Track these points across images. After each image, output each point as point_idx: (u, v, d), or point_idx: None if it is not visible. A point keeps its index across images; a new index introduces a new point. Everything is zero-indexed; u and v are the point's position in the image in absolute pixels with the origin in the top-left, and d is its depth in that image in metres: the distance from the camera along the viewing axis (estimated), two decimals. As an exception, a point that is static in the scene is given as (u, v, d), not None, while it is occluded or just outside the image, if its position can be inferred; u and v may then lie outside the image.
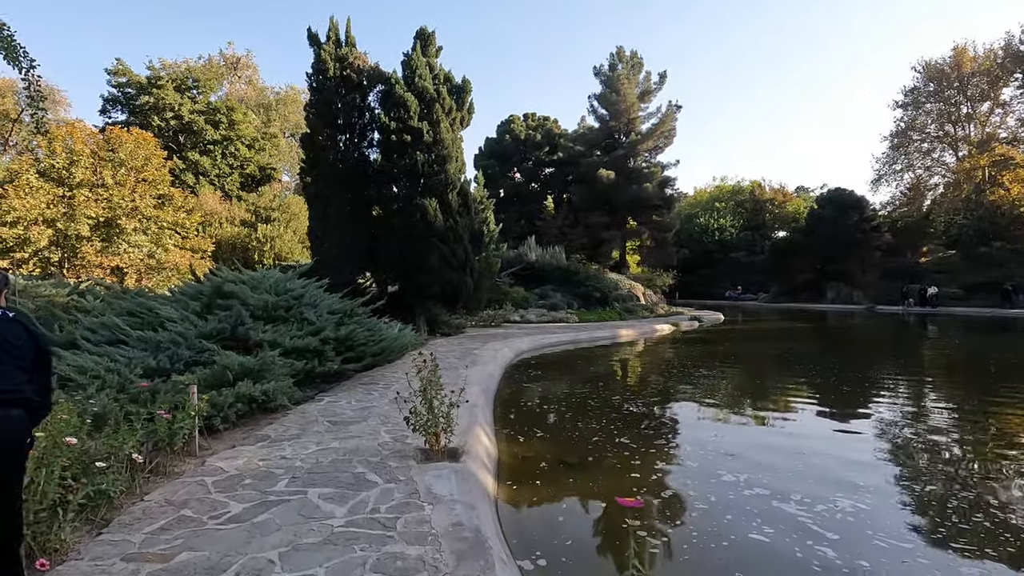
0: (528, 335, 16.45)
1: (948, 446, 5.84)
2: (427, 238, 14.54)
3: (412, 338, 10.71)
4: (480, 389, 7.56)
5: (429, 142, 14.71)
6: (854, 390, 9.17)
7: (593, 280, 26.77)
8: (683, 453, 5.57)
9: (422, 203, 14.52)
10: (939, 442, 5.96)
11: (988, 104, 44.24)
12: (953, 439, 6.12)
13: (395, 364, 9.67)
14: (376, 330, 8.49)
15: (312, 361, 6.91)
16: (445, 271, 14.71)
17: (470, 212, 16.18)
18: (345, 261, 14.75)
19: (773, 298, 49.59)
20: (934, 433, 6.30)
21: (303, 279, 8.98)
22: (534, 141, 40.28)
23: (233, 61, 47.32)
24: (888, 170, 49.42)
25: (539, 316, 21.84)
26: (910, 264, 44.40)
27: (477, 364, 9.81)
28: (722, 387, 9.73)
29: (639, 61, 33.88)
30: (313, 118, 15.10)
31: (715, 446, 5.73)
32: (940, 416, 7.37)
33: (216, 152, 26.39)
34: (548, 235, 32.85)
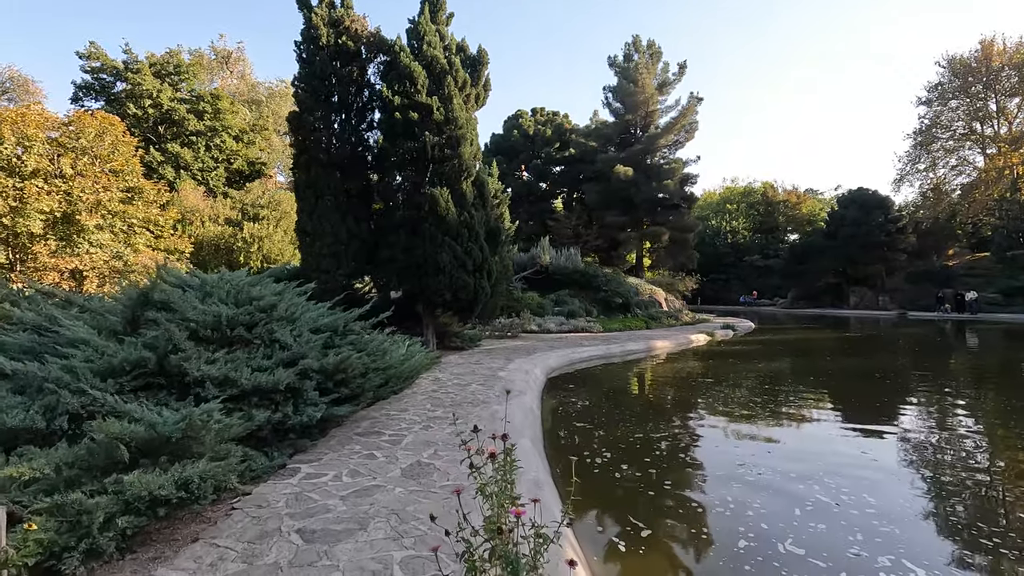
0: (552, 348, 14.12)
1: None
2: (437, 235, 12.22)
3: (423, 358, 8.36)
4: (530, 441, 5.20)
5: (440, 121, 12.40)
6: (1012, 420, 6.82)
7: (613, 285, 24.45)
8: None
9: (431, 193, 12.20)
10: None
11: (1018, 99, 42.13)
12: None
13: (403, 396, 7.32)
14: (378, 353, 6.14)
15: (284, 407, 4.56)
16: (459, 274, 12.37)
17: (486, 205, 13.86)
18: (339, 262, 12.40)
19: (791, 303, 47.33)
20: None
21: (282, 283, 6.65)
22: (543, 137, 37.99)
23: (224, 55, 45.12)
24: (911, 169, 47.18)
25: (558, 325, 19.51)
26: (937, 267, 42.18)
27: (512, 395, 7.46)
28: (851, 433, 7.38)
29: (657, 51, 31.66)
30: (302, 94, 12.77)
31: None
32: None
33: (199, 144, 24.05)
34: (561, 236, 30.57)
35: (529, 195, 36.48)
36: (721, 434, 6.64)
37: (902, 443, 6.20)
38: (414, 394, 7.46)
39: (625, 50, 32.34)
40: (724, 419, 7.51)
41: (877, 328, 26.95)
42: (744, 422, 7.31)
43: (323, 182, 12.46)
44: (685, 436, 6.42)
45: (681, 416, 7.73)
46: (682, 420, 7.43)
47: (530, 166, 36.66)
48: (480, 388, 7.99)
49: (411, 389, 7.77)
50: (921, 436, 6.53)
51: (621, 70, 31.97)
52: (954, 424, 7.15)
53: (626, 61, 32.24)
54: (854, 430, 6.92)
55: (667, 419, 7.42)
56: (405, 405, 6.72)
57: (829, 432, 6.77)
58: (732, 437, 6.49)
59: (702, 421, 7.41)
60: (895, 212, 42.73)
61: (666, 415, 7.78)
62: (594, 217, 32.56)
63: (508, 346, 14.61)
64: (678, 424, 7.11)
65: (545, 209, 35.93)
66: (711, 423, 7.26)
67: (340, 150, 12.97)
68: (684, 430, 6.76)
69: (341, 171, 13.11)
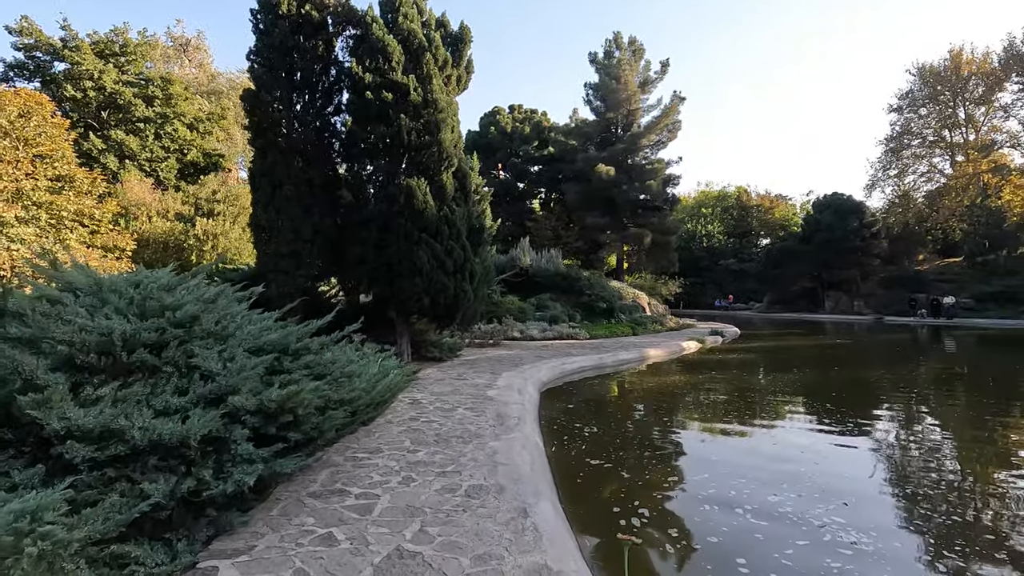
0: (540, 358, 12.83)
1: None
2: (414, 231, 10.79)
3: (399, 377, 6.91)
4: (551, 504, 3.84)
5: (417, 103, 10.97)
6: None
7: (597, 288, 23.32)
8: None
9: (407, 184, 10.77)
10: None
11: (985, 108, 42.96)
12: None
13: (375, 427, 5.88)
14: (341, 380, 4.69)
15: (201, 469, 3.11)
16: (438, 276, 10.95)
17: (468, 199, 12.47)
18: (300, 262, 10.84)
19: (767, 308, 47.25)
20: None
21: (222, 287, 5.14)
22: (522, 134, 36.74)
23: (182, 42, 42.56)
24: (883, 175, 47.75)
25: (542, 332, 18.23)
26: (910, 272, 42.57)
27: (504, 419, 6.08)
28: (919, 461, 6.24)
29: (640, 48, 30.81)
30: (259, 69, 11.16)
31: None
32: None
33: (148, 132, 21.86)
34: (540, 237, 29.37)
35: (507, 195, 35.16)
36: (802, 495, 5.41)
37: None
38: (388, 424, 6.02)
39: (606, 47, 31.41)
40: (774, 461, 6.30)
41: (862, 334, 26.56)
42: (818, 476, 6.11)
43: (282, 170, 10.87)
44: (728, 482, 5.16)
45: (709, 451, 6.49)
46: (712, 456, 6.18)
47: (508, 164, 35.37)
48: (469, 414, 6.59)
49: (385, 416, 6.33)
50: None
51: (602, 67, 31.00)
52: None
53: (607, 58, 31.29)
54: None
55: (694, 456, 6.16)
56: (378, 442, 5.28)
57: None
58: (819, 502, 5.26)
59: (746, 460, 6.17)
60: (869, 217, 42.98)
61: (690, 449, 6.52)
62: (574, 218, 31.47)
63: (491, 356, 13.23)
64: (711, 462, 5.86)
65: (523, 209, 34.68)
66: (759, 465, 6.03)
67: (302, 134, 11.42)
68: (725, 473, 5.50)
69: (303, 158, 11.55)
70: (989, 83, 41.68)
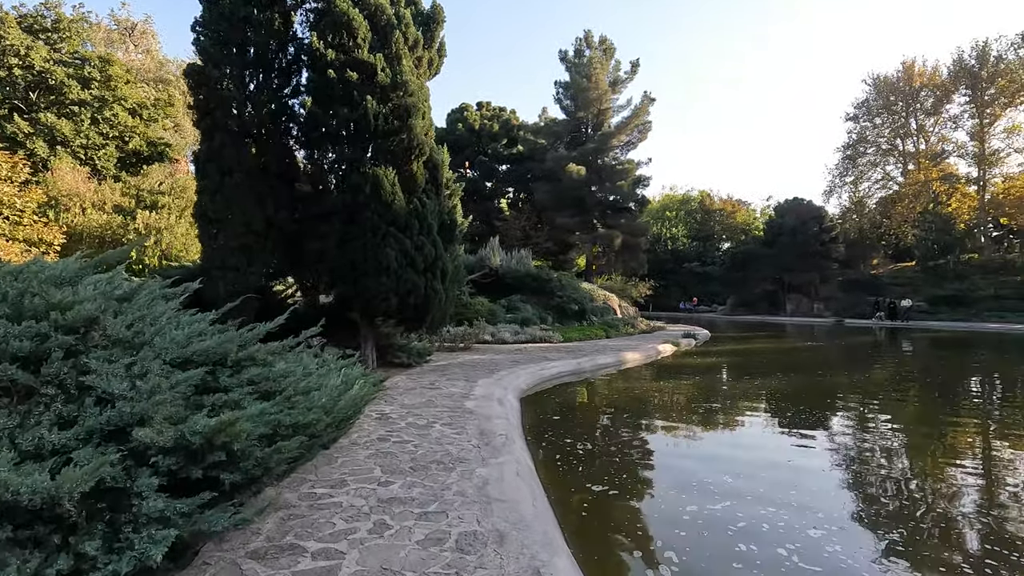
0: (516, 364, 12.04)
1: None
2: (381, 225, 9.82)
3: (363, 389, 5.99)
4: (567, 559, 3.02)
5: (385, 85, 10.01)
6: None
7: (569, 290, 22.72)
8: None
9: (374, 173, 9.79)
10: None
11: (935, 119, 44.74)
12: None
13: (337, 451, 4.94)
14: (296, 398, 3.75)
15: (84, 540, 2.14)
16: (407, 274, 10.00)
17: (440, 192, 11.56)
18: (252, 258, 9.72)
19: (731, 310, 47.87)
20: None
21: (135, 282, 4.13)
22: (490, 132, 35.87)
23: (127, 26, 40.01)
24: (840, 182, 49.24)
25: (514, 335, 17.44)
26: (867, 276, 43.85)
27: (489, 437, 5.24)
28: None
29: (611, 47, 30.44)
30: (206, 41, 9.96)
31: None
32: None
33: (83, 116, 19.90)
34: (509, 237, 28.60)
35: (474, 193, 34.23)
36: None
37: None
38: (354, 446, 5.09)
39: (576, 45, 30.96)
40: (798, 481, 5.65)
41: (828, 336, 26.86)
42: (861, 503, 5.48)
43: (232, 155, 9.71)
44: (753, 510, 4.46)
45: (714, 468, 5.80)
46: (723, 475, 5.50)
47: (475, 162, 34.46)
48: (448, 431, 5.71)
49: (349, 436, 5.39)
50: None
51: (572, 65, 30.53)
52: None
53: (577, 56, 30.83)
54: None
55: (701, 475, 5.47)
56: (341, 471, 4.35)
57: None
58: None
59: (753, 477, 5.51)
60: (828, 222, 44.07)
61: (696, 468, 5.83)
62: (544, 218, 30.84)
63: (463, 361, 12.35)
64: (721, 481, 5.16)
65: (491, 209, 33.85)
66: (779, 480, 5.37)
67: (256, 117, 10.28)
68: (742, 494, 4.81)
69: (257, 143, 10.43)
70: (939, 95, 43.42)
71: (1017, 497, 4.74)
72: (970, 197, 43.27)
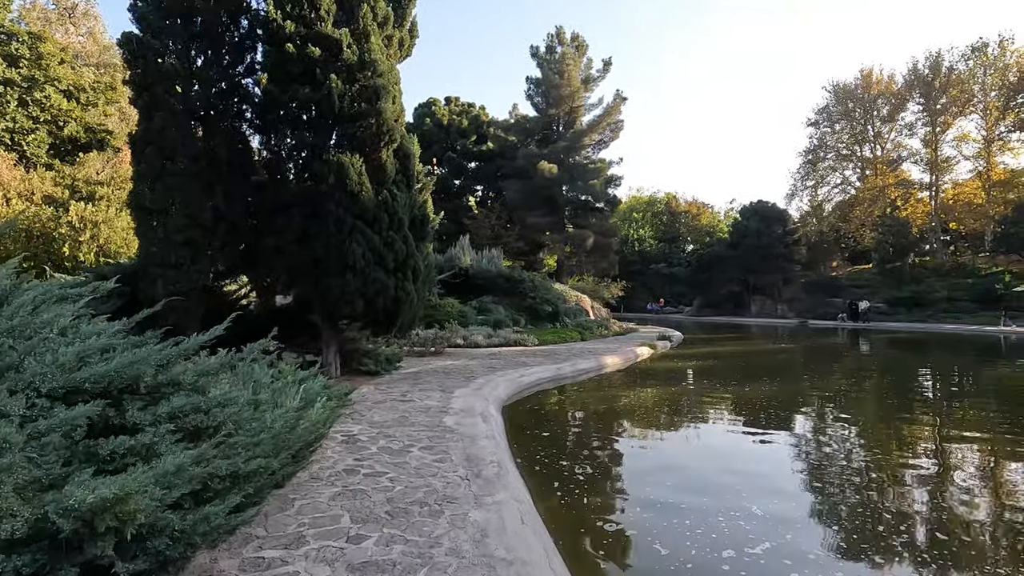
0: (492, 369, 11.24)
1: None
2: (347, 218, 8.85)
3: (324, 411, 5.12)
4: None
5: (352, 64, 9.03)
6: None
7: (542, 291, 22.04)
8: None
9: (338, 161, 8.82)
10: None
11: (891, 126, 46.20)
12: None
13: (293, 491, 4.00)
14: (236, 441, 2.83)
15: None
16: (375, 273, 9.06)
17: (411, 184, 10.64)
18: (198, 254, 8.61)
19: (697, 311, 48.23)
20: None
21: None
22: (459, 128, 34.85)
23: (68, 6, 37.22)
24: (802, 185, 50.34)
25: (487, 338, 16.60)
26: (828, 278, 44.86)
27: (479, 465, 4.42)
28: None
29: (583, 44, 29.94)
30: (144, 7, 8.77)
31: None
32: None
33: (10, 97, 17.92)
34: (478, 236, 27.73)
35: (443, 191, 33.14)
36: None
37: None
38: (314, 482, 4.17)
39: (548, 41, 30.33)
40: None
41: (795, 337, 27.03)
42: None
43: (175, 137, 8.57)
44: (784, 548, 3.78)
45: (725, 505, 5.13)
46: (744, 501, 4.82)
47: (444, 159, 33.41)
48: (428, 457, 4.85)
49: (309, 469, 4.46)
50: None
51: (544, 62, 29.90)
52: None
53: (549, 53, 30.22)
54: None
55: (718, 502, 4.78)
56: (299, 521, 3.43)
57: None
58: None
59: (778, 491, 4.85)
60: (792, 225, 44.87)
61: (714, 494, 5.14)
62: (514, 217, 30.09)
63: (436, 367, 11.45)
64: (742, 507, 4.48)
65: (460, 207, 32.88)
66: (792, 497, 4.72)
67: (204, 95, 9.15)
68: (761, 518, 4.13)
69: (205, 125, 9.31)
70: (894, 103, 44.85)
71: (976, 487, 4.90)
72: (923, 202, 44.87)
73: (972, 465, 5.92)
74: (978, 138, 41.43)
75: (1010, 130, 39.17)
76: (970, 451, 6.48)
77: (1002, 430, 7.25)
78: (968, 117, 41.68)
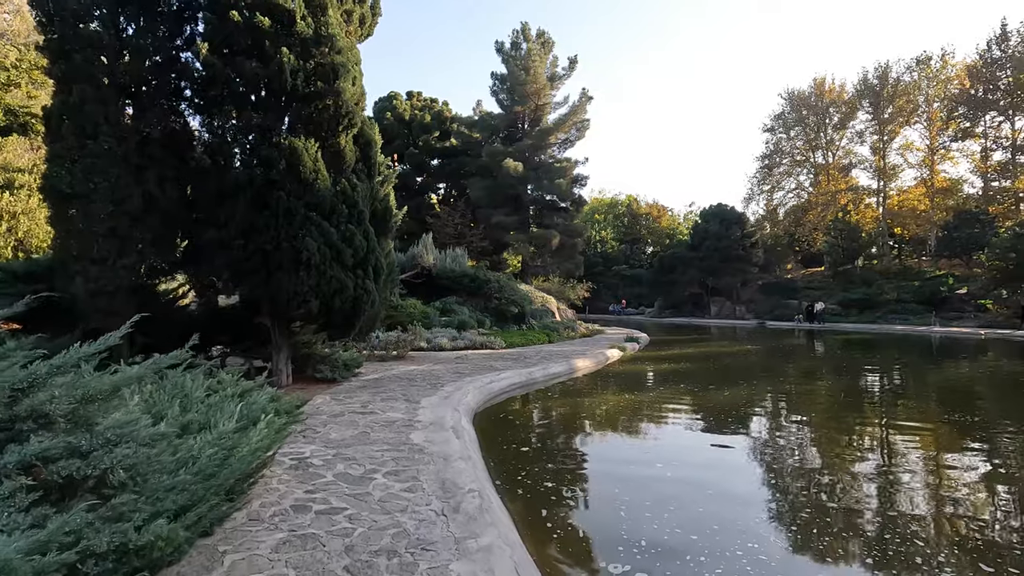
0: (460, 375, 10.51)
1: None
2: (300, 209, 7.95)
3: (270, 427, 4.30)
4: None
5: (307, 37, 8.14)
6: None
7: (507, 292, 21.38)
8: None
9: (291, 144, 7.92)
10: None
11: (841, 133, 47.86)
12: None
13: (224, 539, 3.16)
14: (125, 496, 2.02)
15: None
16: (333, 270, 8.18)
17: (372, 175, 9.79)
18: (125, 247, 7.54)
19: (659, 312, 48.63)
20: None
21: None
22: (422, 123, 33.77)
23: (-8, -21, 34.20)
24: (758, 189, 51.55)
25: (452, 340, 15.82)
26: (783, 280, 46.01)
27: (456, 496, 3.71)
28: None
29: (549, 40, 29.48)
30: (61, -37, 7.62)
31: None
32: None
33: (-86, 73, 16.00)
34: (441, 235, 26.85)
35: (404, 188, 32.01)
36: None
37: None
38: (253, 525, 3.35)
39: (514, 37, 29.72)
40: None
41: (757, 338, 27.33)
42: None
43: (98, 111, 7.46)
44: None
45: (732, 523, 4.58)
46: (757, 526, 4.27)
47: (405, 155, 32.28)
48: (395, 485, 4.10)
49: (250, 506, 3.63)
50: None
51: (510, 58, 29.27)
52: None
53: (514, 49, 29.62)
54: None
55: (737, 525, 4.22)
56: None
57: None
58: None
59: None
60: (750, 228, 45.80)
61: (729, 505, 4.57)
62: (478, 216, 29.32)
63: (399, 373, 10.62)
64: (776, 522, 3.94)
65: (423, 204, 31.87)
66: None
67: (135, 67, 8.06)
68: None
69: (136, 101, 8.22)
70: (845, 111, 46.46)
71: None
72: (871, 208, 46.67)
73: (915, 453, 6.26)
74: (922, 147, 43.39)
75: (952, 140, 41.09)
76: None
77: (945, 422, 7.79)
78: (913, 127, 43.58)
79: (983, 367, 15.42)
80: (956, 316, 32.05)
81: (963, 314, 32.16)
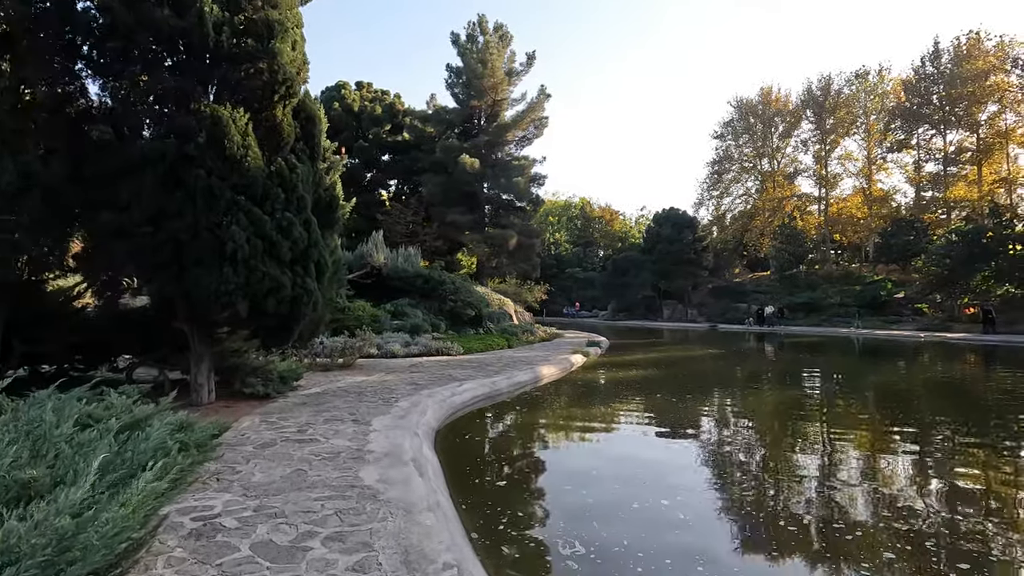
0: (415, 385, 9.34)
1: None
2: (224, 191, 6.58)
3: (157, 482, 2.99)
4: None
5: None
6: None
7: (463, 294, 20.23)
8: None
9: (213, 113, 6.53)
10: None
11: (786, 141, 49.42)
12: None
13: None
14: None
15: None
16: (266, 266, 6.83)
17: (316, 156, 8.46)
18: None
19: (612, 315, 48.61)
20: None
21: None
22: (372, 115, 32.03)
23: None
24: (708, 195, 52.55)
25: (405, 346, 14.54)
26: (732, 284, 46.91)
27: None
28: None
29: (507, 34, 28.56)
30: None
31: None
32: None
33: None
34: (393, 233, 25.36)
35: (353, 183, 30.18)
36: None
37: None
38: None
39: (469, 29, 28.64)
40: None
41: (713, 341, 27.33)
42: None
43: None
44: None
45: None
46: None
47: (354, 148, 30.46)
48: (336, 558, 2.92)
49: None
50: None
51: (466, 50, 28.15)
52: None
53: (470, 42, 28.52)
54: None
55: None
56: None
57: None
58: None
59: None
60: (701, 232, 46.46)
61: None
62: (433, 214, 28.00)
63: (346, 385, 9.30)
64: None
65: (373, 201, 30.16)
66: None
67: (12, 13, 6.48)
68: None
69: (14, 55, 6.63)
70: (790, 120, 47.98)
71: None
72: (814, 215, 48.37)
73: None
74: (860, 157, 45.32)
75: (888, 151, 43.06)
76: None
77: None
78: (852, 137, 45.47)
79: (926, 367, 15.57)
80: (895, 319, 33.32)
81: (902, 317, 33.47)
